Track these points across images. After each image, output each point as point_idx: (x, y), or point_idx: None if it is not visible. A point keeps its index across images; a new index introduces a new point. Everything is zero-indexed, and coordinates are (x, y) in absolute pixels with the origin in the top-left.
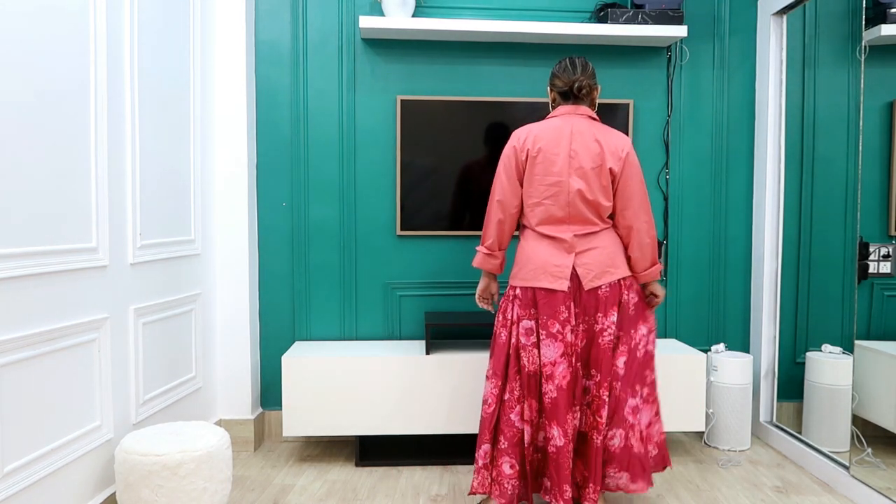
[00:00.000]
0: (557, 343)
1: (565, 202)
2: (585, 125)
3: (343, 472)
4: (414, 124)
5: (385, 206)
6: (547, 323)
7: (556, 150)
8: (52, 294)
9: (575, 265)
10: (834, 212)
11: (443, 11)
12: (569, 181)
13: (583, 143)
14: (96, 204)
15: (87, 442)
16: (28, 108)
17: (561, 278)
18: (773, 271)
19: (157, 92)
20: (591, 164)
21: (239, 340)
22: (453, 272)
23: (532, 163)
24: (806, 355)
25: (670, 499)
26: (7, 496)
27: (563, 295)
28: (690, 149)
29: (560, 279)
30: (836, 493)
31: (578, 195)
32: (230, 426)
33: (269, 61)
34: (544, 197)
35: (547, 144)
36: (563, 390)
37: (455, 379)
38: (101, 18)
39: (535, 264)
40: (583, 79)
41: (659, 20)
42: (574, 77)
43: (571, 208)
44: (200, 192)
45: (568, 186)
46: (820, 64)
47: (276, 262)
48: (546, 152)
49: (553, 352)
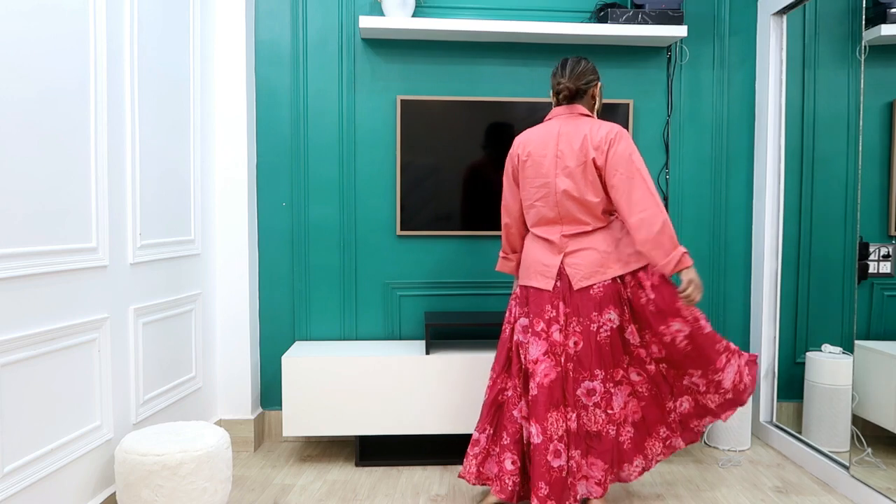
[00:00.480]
0: (541, 342)
1: (554, 203)
2: (574, 124)
3: (343, 472)
4: (414, 124)
5: (385, 206)
6: (533, 321)
7: (544, 151)
8: (51, 294)
9: (564, 265)
10: (834, 212)
11: (443, 11)
12: (555, 181)
13: (568, 143)
14: (96, 204)
15: (87, 442)
16: (28, 107)
17: (548, 278)
18: (773, 271)
19: (157, 92)
20: (576, 161)
21: (239, 340)
22: (453, 272)
23: (523, 167)
24: (806, 355)
25: (670, 499)
26: (7, 496)
27: (549, 294)
28: (690, 149)
29: (547, 279)
30: (836, 493)
31: (565, 195)
32: (230, 426)
33: (269, 61)
34: (535, 199)
35: (535, 148)
36: (544, 388)
37: (455, 379)
38: (101, 18)
39: (528, 264)
40: (564, 82)
41: (659, 20)
42: (558, 81)
43: (561, 208)
44: (200, 192)
45: (555, 187)
46: (820, 64)
47: (276, 262)
48: (534, 155)
49: (536, 350)
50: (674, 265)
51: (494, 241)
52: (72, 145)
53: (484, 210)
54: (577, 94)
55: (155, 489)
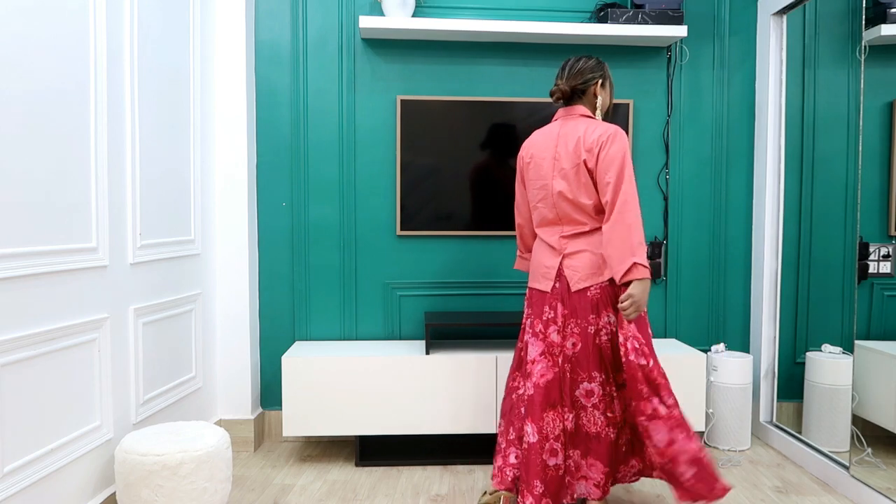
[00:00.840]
0: (538, 342)
1: (552, 204)
2: (572, 126)
3: (343, 472)
4: (414, 124)
5: (385, 206)
6: (533, 322)
7: (544, 154)
8: (52, 294)
9: (563, 266)
10: (834, 212)
11: (443, 11)
12: (552, 183)
13: (565, 145)
14: (96, 204)
15: (87, 442)
16: (28, 107)
17: (548, 279)
18: (773, 271)
19: (157, 91)
20: (570, 163)
21: (239, 340)
22: (454, 272)
23: (527, 169)
24: (806, 355)
25: (670, 499)
26: (7, 496)
27: (549, 295)
28: (690, 149)
29: (547, 280)
30: (836, 493)
31: (560, 196)
32: (230, 426)
33: (269, 61)
34: (537, 200)
35: (537, 150)
36: (540, 388)
37: (455, 379)
38: (101, 18)
39: (534, 266)
40: (559, 84)
41: (659, 20)
42: (556, 82)
43: (558, 209)
44: (200, 191)
45: (552, 188)
46: (820, 64)
47: (276, 262)
48: (536, 157)
49: (534, 350)
50: (623, 273)
51: (495, 241)
52: (72, 145)
53: (485, 210)
54: (574, 94)
55: (155, 489)
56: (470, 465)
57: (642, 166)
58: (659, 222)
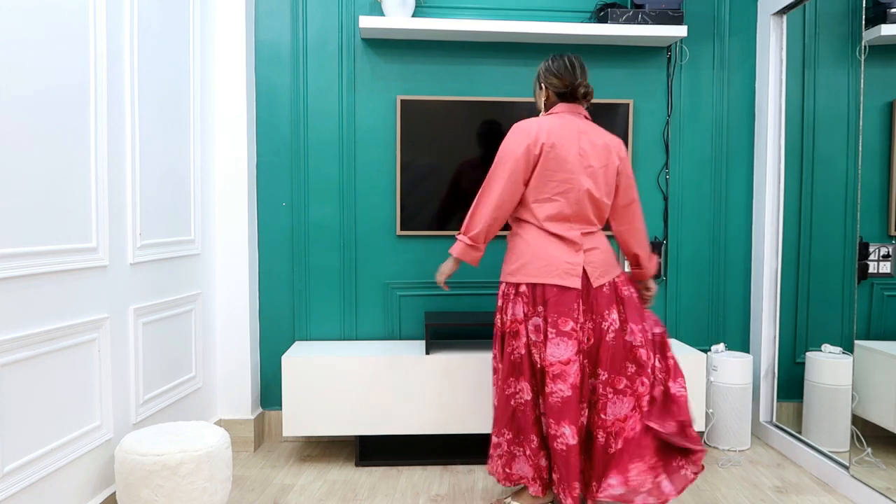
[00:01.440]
0: (571, 341)
1: (574, 200)
2: (587, 124)
3: (343, 472)
4: (414, 124)
5: (385, 206)
6: (558, 321)
7: (568, 146)
8: (51, 294)
9: (584, 263)
10: (834, 212)
11: (443, 11)
12: (580, 179)
13: (590, 142)
14: (96, 204)
15: (87, 442)
16: (28, 107)
17: (574, 276)
18: (773, 271)
19: (157, 91)
20: (599, 163)
21: (239, 340)
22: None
23: (546, 158)
24: (806, 355)
25: (673, 501)
26: (7, 496)
27: (577, 293)
28: (690, 149)
29: (573, 277)
30: (836, 493)
31: (587, 194)
32: (230, 426)
33: (269, 61)
34: (555, 193)
35: (560, 140)
36: (576, 388)
37: (455, 379)
38: (101, 18)
39: (546, 261)
40: (584, 82)
41: (659, 20)
42: (578, 81)
43: (579, 207)
44: (200, 192)
45: (578, 185)
46: (820, 64)
47: (276, 262)
48: (559, 148)
49: (565, 350)
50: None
51: (495, 241)
52: (72, 145)
53: None
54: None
55: (155, 489)
56: (470, 465)
57: (642, 166)
58: (659, 222)
